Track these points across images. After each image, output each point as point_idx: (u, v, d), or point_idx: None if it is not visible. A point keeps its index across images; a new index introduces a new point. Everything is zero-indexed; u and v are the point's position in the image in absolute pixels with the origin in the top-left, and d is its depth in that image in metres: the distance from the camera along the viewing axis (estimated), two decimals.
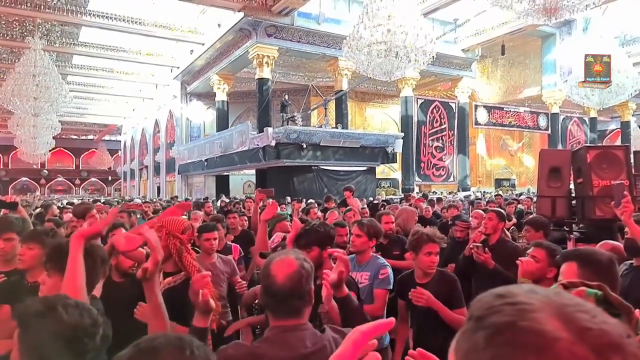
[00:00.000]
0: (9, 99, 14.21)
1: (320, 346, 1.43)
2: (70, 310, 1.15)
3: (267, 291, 1.48)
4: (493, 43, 17.36)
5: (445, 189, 19.06)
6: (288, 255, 1.54)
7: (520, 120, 20.10)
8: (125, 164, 34.46)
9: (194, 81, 20.31)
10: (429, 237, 2.67)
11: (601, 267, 1.73)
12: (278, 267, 1.48)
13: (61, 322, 1.12)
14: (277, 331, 1.46)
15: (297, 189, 13.66)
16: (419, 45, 9.84)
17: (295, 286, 1.45)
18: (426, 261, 2.67)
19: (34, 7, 13.97)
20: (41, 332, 1.11)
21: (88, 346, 1.14)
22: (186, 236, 2.39)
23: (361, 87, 20.17)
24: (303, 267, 1.49)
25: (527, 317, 0.51)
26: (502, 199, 9.67)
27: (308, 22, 14.96)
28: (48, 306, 1.15)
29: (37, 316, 1.13)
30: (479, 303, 0.56)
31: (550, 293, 0.56)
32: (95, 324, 1.18)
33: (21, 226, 2.70)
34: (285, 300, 1.44)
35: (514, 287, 0.57)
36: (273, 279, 1.45)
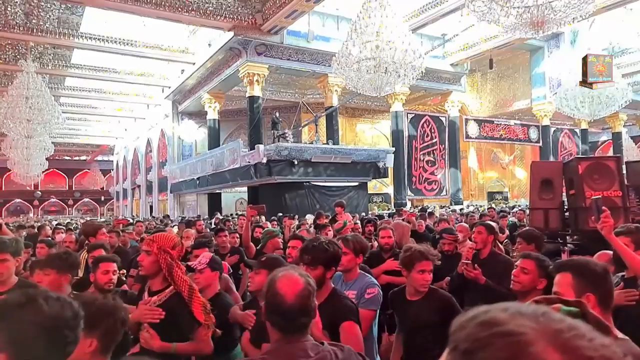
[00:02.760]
0: (2, 121, 14.15)
1: (322, 356, 1.46)
2: (51, 302, 1.13)
3: (275, 310, 1.48)
4: (482, 57, 17.55)
5: (437, 203, 19.03)
6: (292, 272, 1.55)
7: (511, 133, 20.22)
8: (117, 183, 34.25)
9: (185, 100, 20.33)
10: (422, 254, 2.60)
11: (596, 277, 1.72)
12: (285, 285, 1.49)
13: (41, 313, 1.10)
14: (281, 344, 1.48)
15: (289, 205, 13.58)
16: (407, 61, 9.90)
17: (304, 304, 1.47)
18: (419, 279, 2.59)
19: (26, 30, 14.00)
20: (21, 322, 1.09)
21: (69, 338, 1.13)
22: (176, 252, 2.41)
23: (351, 103, 20.27)
24: (309, 284, 1.52)
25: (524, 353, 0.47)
26: (494, 211, 9.64)
27: (297, 40, 15.08)
28: (28, 297, 1.13)
29: (17, 307, 1.11)
30: (463, 332, 0.51)
31: (538, 315, 0.51)
32: (76, 317, 1.15)
33: (14, 247, 2.71)
34: (295, 318, 1.46)
35: (497, 311, 0.51)
36: (282, 298, 1.46)
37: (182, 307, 2.31)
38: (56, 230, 7.49)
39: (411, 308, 2.65)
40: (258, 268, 2.54)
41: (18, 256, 2.79)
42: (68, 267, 2.50)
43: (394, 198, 18.93)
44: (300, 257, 2.30)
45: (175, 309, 2.29)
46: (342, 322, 2.11)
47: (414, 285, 2.63)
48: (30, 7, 13.06)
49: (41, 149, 17.46)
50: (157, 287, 2.40)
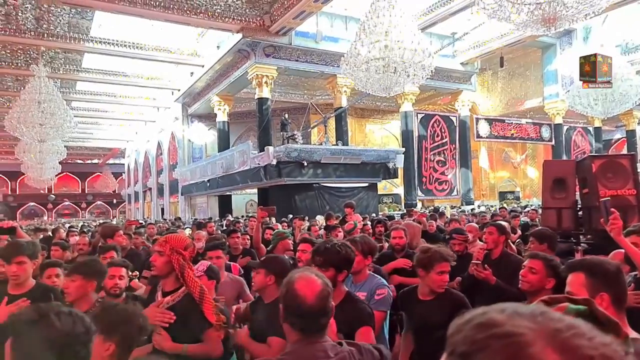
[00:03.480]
0: (16, 126, 14.31)
1: (342, 356, 1.49)
2: (62, 317, 1.14)
3: (295, 311, 1.49)
4: (492, 55, 17.39)
5: (448, 203, 18.88)
6: (308, 274, 1.57)
7: (523, 132, 19.99)
8: (129, 186, 34.56)
9: (195, 103, 20.45)
10: (441, 255, 2.61)
11: (609, 277, 1.70)
12: (304, 287, 1.51)
13: (53, 329, 1.11)
14: (300, 345, 1.50)
15: (299, 206, 13.58)
16: (417, 60, 9.83)
17: (323, 304, 1.50)
18: (438, 280, 2.59)
19: (37, 35, 14.19)
20: (33, 339, 1.10)
21: (80, 354, 1.13)
22: (188, 253, 2.43)
23: (360, 104, 20.22)
24: (327, 284, 1.55)
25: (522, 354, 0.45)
26: (506, 211, 9.53)
27: (306, 41, 15.08)
28: (40, 314, 1.13)
29: (29, 323, 1.12)
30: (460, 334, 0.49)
31: (536, 314, 0.50)
32: (87, 332, 1.16)
33: (32, 249, 2.75)
34: (315, 319, 1.49)
35: (494, 312, 0.50)
36: (302, 299, 1.48)
37: (194, 307, 2.33)
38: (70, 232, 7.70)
39: (423, 308, 2.63)
40: (258, 268, 2.58)
41: (35, 259, 2.83)
42: (95, 274, 2.52)
43: (404, 199, 18.84)
44: (312, 259, 2.30)
45: (187, 309, 2.32)
46: (360, 327, 2.12)
47: (432, 286, 2.62)
48: (40, 12, 13.22)
49: (54, 153, 17.70)
50: (170, 288, 2.43)
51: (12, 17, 13.25)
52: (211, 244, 3.74)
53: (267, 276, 2.48)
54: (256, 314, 2.56)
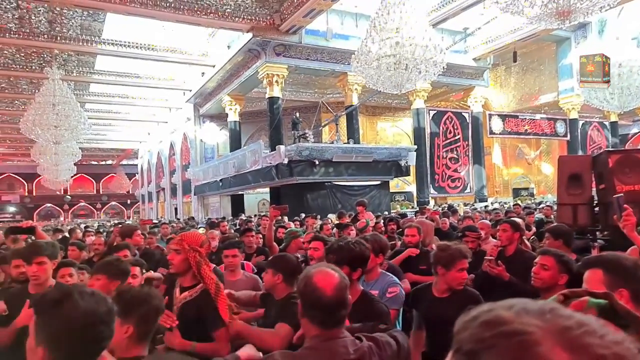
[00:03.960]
0: (31, 128, 14.55)
1: (361, 353, 1.51)
2: (86, 297, 1.16)
3: (314, 304, 1.50)
4: (505, 50, 17.18)
5: (461, 200, 18.73)
6: (325, 268, 1.59)
7: (537, 128, 19.73)
8: (142, 187, 34.93)
9: (206, 103, 20.56)
10: (462, 252, 2.61)
11: (628, 272, 1.67)
12: (322, 280, 1.52)
13: (77, 309, 1.13)
14: (320, 340, 1.50)
15: (311, 205, 13.57)
16: (428, 57, 9.75)
17: (341, 296, 1.52)
18: (458, 277, 2.59)
19: (50, 38, 14.39)
20: (57, 318, 1.12)
21: (103, 333, 1.16)
22: (204, 249, 2.49)
23: (372, 101, 20.12)
24: (344, 277, 1.57)
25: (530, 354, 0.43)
26: (520, 208, 9.41)
27: (316, 39, 15.05)
28: (64, 293, 1.16)
29: (53, 303, 1.14)
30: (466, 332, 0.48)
31: (545, 311, 0.48)
32: (110, 312, 1.19)
33: (51, 250, 2.80)
34: (334, 312, 1.50)
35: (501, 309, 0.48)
36: (321, 292, 1.50)
37: (209, 303, 2.37)
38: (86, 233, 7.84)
39: (439, 305, 2.61)
40: (266, 267, 2.62)
41: (55, 259, 2.87)
42: (119, 274, 2.55)
43: (416, 196, 18.73)
44: (326, 257, 2.30)
45: (203, 305, 2.36)
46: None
47: (452, 284, 2.61)
48: (53, 15, 13.40)
49: (69, 155, 17.95)
50: (188, 284, 2.47)
51: (25, 20, 13.45)
52: (228, 243, 3.76)
53: (274, 275, 2.49)
54: (267, 309, 2.58)
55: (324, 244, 3.21)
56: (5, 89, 18.94)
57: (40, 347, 1.12)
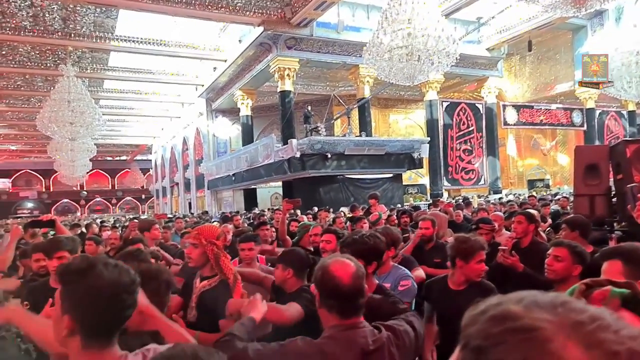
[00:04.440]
0: (47, 125, 14.76)
1: (381, 344, 1.52)
2: (109, 268, 1.20)
3: (332, 294, 1.52)
4: (520, 39, 16.91)
5: (475, 192, 18.57)
6: (340, 258, 1.61)
7: (553, 118, 19.41)
8: (157, 182, 35.28)
9: (218, 98, 20.64)
10: (480, 244, 2.60)
11: None
12: (339, 269, 1.54)
13: (101, 279, 1.17)
14: (339, 329, 1.52)
15: (324, 198, 13.58)
16: (441, 47, 9.63)
17: (359, 285, 1.53)
18: (477, 269, 2.57)
19: (64, 35, 14.55)
20: (82, 288, 1.16)
21: (127, 302, 1.20)
22: (221, 242, 2.52)
23: (384, 94, 20.00)
24: (359, 266, 1.58)
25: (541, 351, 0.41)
26: (536, 199, 9.29)
27: (327, 32, 14.98)
28: (89, 264, 1.19)
29: (78, 273, 1.18)
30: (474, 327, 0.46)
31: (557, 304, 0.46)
32: (133, 283, 1.22)
33: (72, 245, 2.85)
34: (352, 300, 1.52)
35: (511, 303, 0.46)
36: (339, 280, 1.51)
37: (225, 294, 2.39)
38: (102, 227, 7.95)
39: (455, 298, 2.59)
40: (276, 262, 2.64)
41: (75, 254, 2.91)
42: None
43: (429, 189, 18.63)
44: (340, 251, 2.28)
45: (219, 295, 2.38)
46: None
47: (471, 275, 2.59)
48: (67, 12, 13.53)
49: (84, 151, 18.17)
50: (208, 274, 2.52)
51: (39, 18, 13.61)
52: (244, 236, 3.78)
53: (285, 270, 2.51)
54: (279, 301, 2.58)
55: (336, 237, 3.21)
56: (22, 86, 19.23)
57: (66, 315, 1.16)
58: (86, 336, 1.17)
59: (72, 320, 1.16)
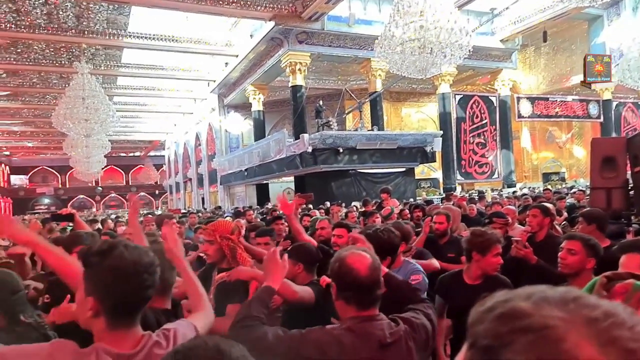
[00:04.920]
0: (62, 122, 14.97)
1: (398, 337, 1.53)
2: (130, 249, 1.24)
3: (350, 285, 1.54)
4: (534, 30, 16.63)
5: (489, 186, 18.39)
6: (356, 250, 1.63)
7: (568, 110, 19.10)
8: (170, 177, 35.59)
9: (230, 93, 20.70)
10: (497, 238, 2.59)
11: None
12: (356, 261, 1.55)
13: (122, 259, 1.21)
14: (357, 321, 1.53)
15: (336, 193, 13.56)
16: (454, 40, 9.52)
17: (376, 276, 1.55)
18: (494, 262, 2.56)
19: (78, 32, 14.70)
20: (105, 268, 1.20)
21: (147, 282, 1.24)
22: (235, 236, 2.58)
23: (396, 87, 19.87)
24: (375, 258, 1.60)
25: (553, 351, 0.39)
26: (551, 193, 9.16)
27: (339, 25, 14.90)
28: (110, 245, 1.24)
29: (100, 254, 1.22)
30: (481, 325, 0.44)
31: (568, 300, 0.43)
32: (152, 264, 1.27)
33: (91, 240, 2.86)
34: (370, 291, 1.54)
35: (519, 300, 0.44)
36: (357, 272, 1.53)
37: (241, 286, 2.44)
38: (117, 223, 8.05)
39: (471, 292, 2.55)
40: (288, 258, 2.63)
41: None
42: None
43: (442, 183, 18.49)
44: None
45: (235, 286, 2.43)
46: None
47: (488, 269, 2.57)
48: (80, 9, 13.66)
49: (99, 147, 18.39)
50: (226, 266, 2.57)
51: (53, 15, 13.76)
52: (260, 230, 3.82)
53: (295, 265, 2.52)
54: None
55: (348, 231, 3.20)
56: (37, 83, 19.50)
57: (90, 297, 1.20)
58: (110, 316, 1.21)
59: (96, 301, 1.20)
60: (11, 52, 16.14)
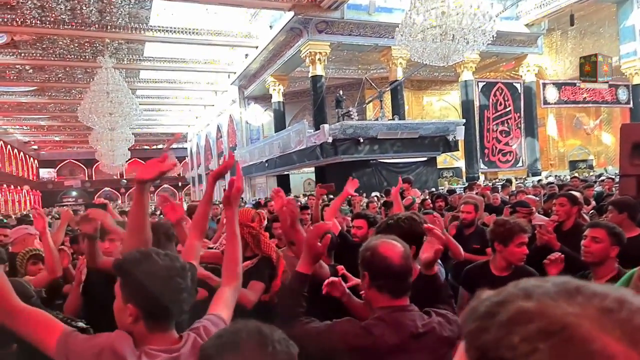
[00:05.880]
0: (88, 116, 15.31)
1: (430, 328, 1.53)
2: (161, 256, 1.31)
3: (384, 273, 1.53)
4: (561, 14, 16.12)
5: (513, 175, 18.03)
6: (386, 239, 1.62)
7: (597, 96, 18.50)
8: (192, 169, 36.06)
9: (250, 85, 20.76)
10: (520, 227, 2.50)
11: None
12: (389, 249, 1.55)
13: (157, 265, 1.28)
14: (388, 311, 1.53)
15: None
16: (476, 25, 9.32)
17: (408, 264, 1.55)
18: (518, 253, 2.48)
19: (101, 27, 14.94)
20: (141, 275, 1.26)
21: (182, 285, 1.30)
22: (256, 223, 2.60)
23: (417, 75, 19.56)
24: (406, 246, 1.60)
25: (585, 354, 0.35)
26: (578, 181, 8.92)
27: (358, 14, 14.73)
28: (143, 254, 1.31)
29: (135, 263, 1.28)
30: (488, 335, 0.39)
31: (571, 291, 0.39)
32: (184, 268, 1.33)
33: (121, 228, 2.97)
34: (403, 279, 1.54)
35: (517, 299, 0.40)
36: (390, 260, 1.52)
37: (264, 271, 2.50)
38: None
39: (498, 284, 2.46)
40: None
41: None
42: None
43: (465, 172, 18.23)
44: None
45: (258, 271, 2.48)
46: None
47: (511, 259, 2.50)
48: (102, 4, 13.86)
49: (123, 140, 18.76)
50: (249, 255, 2.58)
51: (77, 11, 14.00)
52: (274, 216, 3.91)
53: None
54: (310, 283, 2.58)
55: (367, 222, 3.16)
56: (62, 78, 19.94)
57: (129, 304, 1.26)
58: (150, 320, 1.27)
59: (135, 306, 1.26)
60: (37, 48, 16.52)
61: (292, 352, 0.98)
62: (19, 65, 17.89)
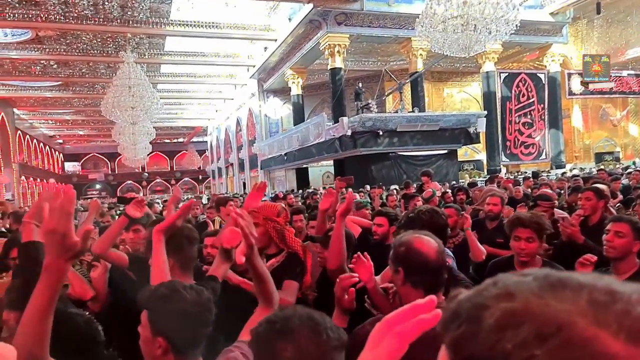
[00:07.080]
0: (110, 110, 15.58)
1: None
2: (188, 290, 1.34)
3: (420, 269, 1.53)
4: (587, 2, 15.64)
5: (536, 167, 17.68)
6: (419, 235, 1.62)
7: (624, 86, 17.96)
8: (212, 162, 36.42)
9: (270, 78, 20.79)
10: (519, 220, 2.44)
11: None
12: (424, 245, 1.55)
13: (185, 301, 1.31)
14: None
15: (376, 176, 13.43)
16: (499, 15, 9.13)
17: (443, 260, 1.56)
18: (513, 246, 2.44)
19: (123, 22, 15.14)
20: (172, 312, 1.29)
21: (209, 318, 1.34)
22: (282, 219, 2.49)
23: (437, 67, 19.28)
24: (439, 242, 1.60)
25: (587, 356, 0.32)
26: (605, 173, 8.70)
27: (378, 5, 14.55)
28: (171, 289, 1.34)
29: (163, 299, 1.31)
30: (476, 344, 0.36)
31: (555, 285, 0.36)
32: (209, 300, 1.36)
33: (145, 219, 3.11)
34: (439, 274, 1.54)
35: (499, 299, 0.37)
36: (426, 256, 1.53)
37: (293, 267, 2.42)
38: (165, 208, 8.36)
39: None
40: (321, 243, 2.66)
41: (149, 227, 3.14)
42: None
43: (486, 164, 17.95)
44: (397, 232, 2.19)
45: (287, 268, 2.39)
46: None
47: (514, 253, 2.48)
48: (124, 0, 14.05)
49: (145, 134, 19.03)
50: (273, 251, 2.51)
51: (99, 6, 14.20)
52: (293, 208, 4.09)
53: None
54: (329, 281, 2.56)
55: (389, 220, 3.13)
56: (86, 73, 20.31)
57: (159, 337, 1.29)
58: (179, 352, 1.30)
59: (166, 340, 1.28)
60: (61, 43, 16.83)
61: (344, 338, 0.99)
62: (44, 61, 18.27)
